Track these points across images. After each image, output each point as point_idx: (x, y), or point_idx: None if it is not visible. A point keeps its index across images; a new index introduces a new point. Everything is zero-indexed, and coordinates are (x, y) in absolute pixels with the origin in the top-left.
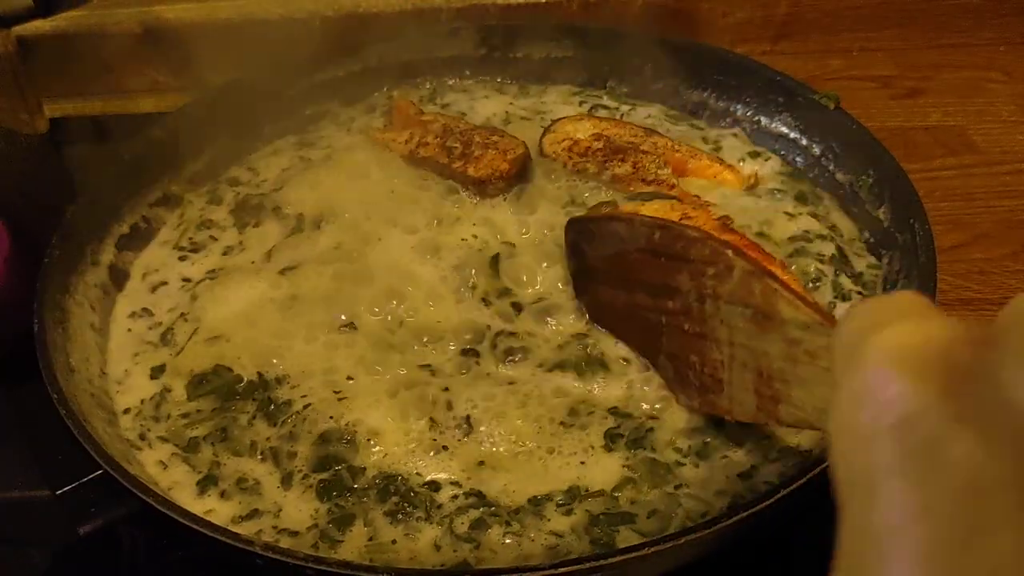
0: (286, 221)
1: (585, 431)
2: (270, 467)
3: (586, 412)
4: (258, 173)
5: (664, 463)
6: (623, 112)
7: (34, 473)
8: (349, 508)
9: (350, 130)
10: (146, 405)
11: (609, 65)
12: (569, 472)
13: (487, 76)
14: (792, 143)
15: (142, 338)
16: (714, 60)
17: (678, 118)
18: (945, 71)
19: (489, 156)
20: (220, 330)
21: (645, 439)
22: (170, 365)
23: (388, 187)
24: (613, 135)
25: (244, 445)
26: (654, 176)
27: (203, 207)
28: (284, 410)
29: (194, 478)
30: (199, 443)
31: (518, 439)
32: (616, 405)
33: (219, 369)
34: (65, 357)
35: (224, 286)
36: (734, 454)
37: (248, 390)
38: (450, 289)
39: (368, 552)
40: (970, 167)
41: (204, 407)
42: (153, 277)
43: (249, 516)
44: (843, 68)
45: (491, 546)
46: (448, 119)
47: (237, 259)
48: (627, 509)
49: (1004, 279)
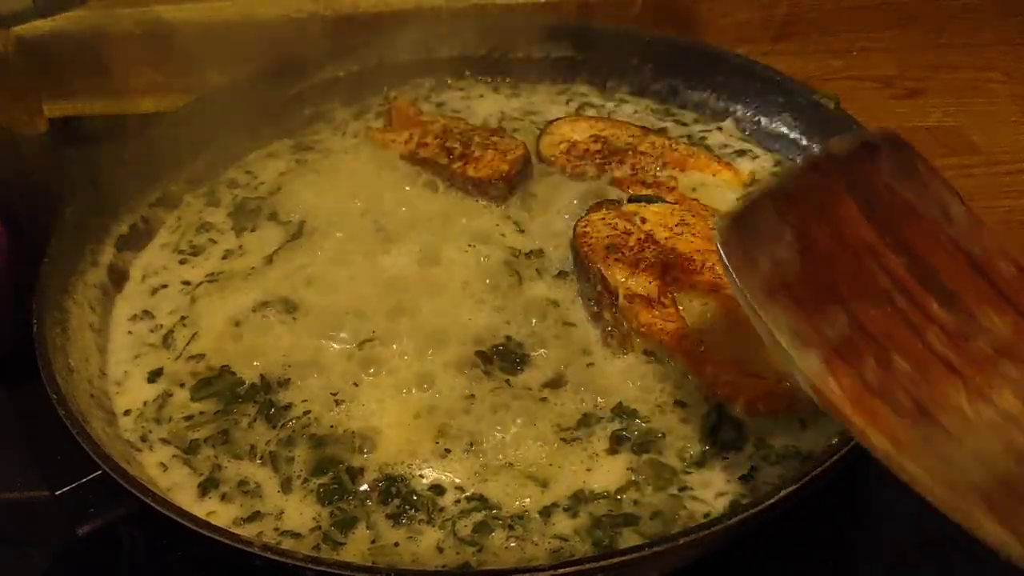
0: (286, 227)
1: (591, 437)
2: (269, 471)
3: (595, 420)
4: (256, 175)
5: (669, 466)
6: (609, 110)
7: (34, 473)
8: (351, 512)
9: (347, 131)
10: (148, 407)
11: (609, 65)
12: (576, 478)
13: (487, 76)
14: (792, 143)
15: (143, 340)
16: (714, 60)
17: (663, 115)
18: (945, 71)
19: (489, 156)
20: (219, 334)
21: (651, 443)
22: (170, 368)
23: (387, 189)
24: (610, 136)
25: (244, 449)
26: (653, 178)
27: (201, 208)
28: (284, 414)
29: (195, 480)
30: (200, 445)
31: (525, 446)
32: (621, 400)
33: (224, 372)
34: (64, 357)
35: (223, 290)
36: (735, 457)
37: (250, 393)
38: (454, 295)
39: (371, 555)
40: (970, 167)
41: (207, 409)
42: (153, 280)
43: (251, 519)
44: (843, 68)
45: (494, 549)
46: (448, 119)
47: (236, 263)
48: (630, 511)
49: None
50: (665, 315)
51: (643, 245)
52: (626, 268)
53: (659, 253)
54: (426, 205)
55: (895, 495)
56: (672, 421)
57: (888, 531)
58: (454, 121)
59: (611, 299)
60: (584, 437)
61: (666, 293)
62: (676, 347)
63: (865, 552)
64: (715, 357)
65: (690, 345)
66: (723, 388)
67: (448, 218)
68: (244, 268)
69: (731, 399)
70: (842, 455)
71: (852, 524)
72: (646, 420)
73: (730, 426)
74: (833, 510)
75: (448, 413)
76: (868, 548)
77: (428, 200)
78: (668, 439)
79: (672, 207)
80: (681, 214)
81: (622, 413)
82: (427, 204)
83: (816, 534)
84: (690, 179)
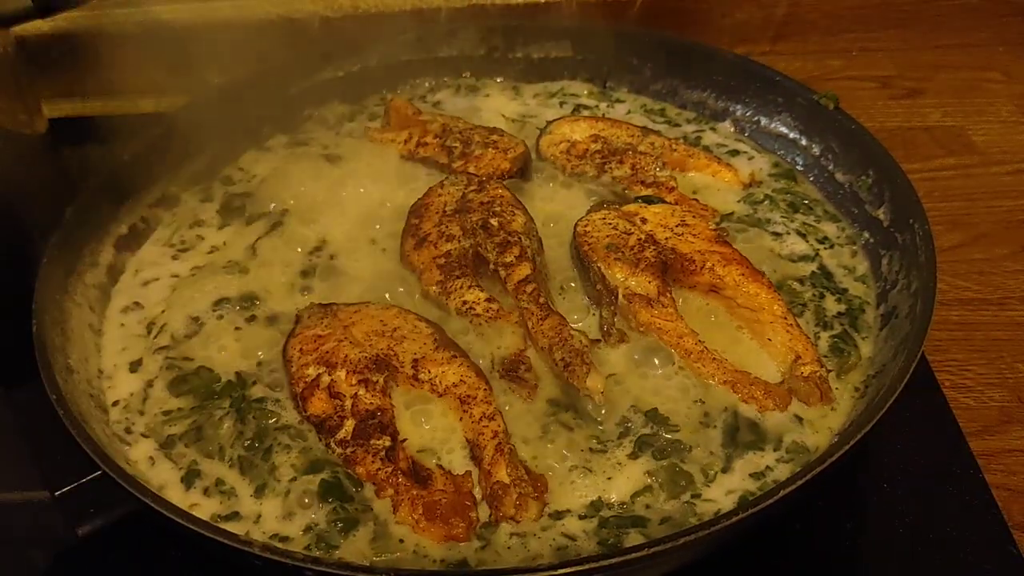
0: (269, 218)
1: (619, 446)
2: (237, 474)
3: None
4: (252, 172)
5: (687, 472)
6: (602, 111)
7: (33, 474)
8: (353, 514)
9: (341, 131)
10: (133, 399)
11: (608, 65)
12: (595, 489)
13: (486, 76)
14: (792, 143)
15: (131, 331)
16: (714, 60)
17: (657, 115)
18: (944, 71)
19: (489, 155)
20: (189, 328)
21: (673, 451)
22: (148, 359)
23: (386, 188)
24: (610, 136)
25: (215, 446)
26: (653, 178)
27: (195, 205)
28: (254, 407)
29: (178, 474)
30: (175, 441)
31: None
32: (656, 406)
33: (200, 370)
34: (64, 358)
35: (197, 284)
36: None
37: (226, 390)
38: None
39: (374, 551)
40: (969, 167)
41: (184, 405)
42: (145, 273)
43: (229, 517)
44: (842, 68)
45: (497, 548)
46: (447, 119)
47: (216, 257)
48: (640, 513)
49: (1003, 279)
50: (664, 314)
51: (643, 245)
52: (626, 268)
53: (659, 253)
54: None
55: (895, 494)
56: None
57: (888, 530)
58: (453, 120)
59: (611, 298)
60: (613, 450)
61: (665, 293)
62: (675, 346)
63: (865, 552)
64: (714, 356)
65: (689, 344)
66: (722, 387)
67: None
68: (223, 262)
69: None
70: (841, 454)
71: (852, 524)
72: (678, 424)
73: (747, 428)
74: (833, 510)
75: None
76: (868, 548)
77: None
78: (696, 449)
79: (672, 208)
80: (682, 215)
81: (656, 412)
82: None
83: (816, 534)
84: (690, 179)
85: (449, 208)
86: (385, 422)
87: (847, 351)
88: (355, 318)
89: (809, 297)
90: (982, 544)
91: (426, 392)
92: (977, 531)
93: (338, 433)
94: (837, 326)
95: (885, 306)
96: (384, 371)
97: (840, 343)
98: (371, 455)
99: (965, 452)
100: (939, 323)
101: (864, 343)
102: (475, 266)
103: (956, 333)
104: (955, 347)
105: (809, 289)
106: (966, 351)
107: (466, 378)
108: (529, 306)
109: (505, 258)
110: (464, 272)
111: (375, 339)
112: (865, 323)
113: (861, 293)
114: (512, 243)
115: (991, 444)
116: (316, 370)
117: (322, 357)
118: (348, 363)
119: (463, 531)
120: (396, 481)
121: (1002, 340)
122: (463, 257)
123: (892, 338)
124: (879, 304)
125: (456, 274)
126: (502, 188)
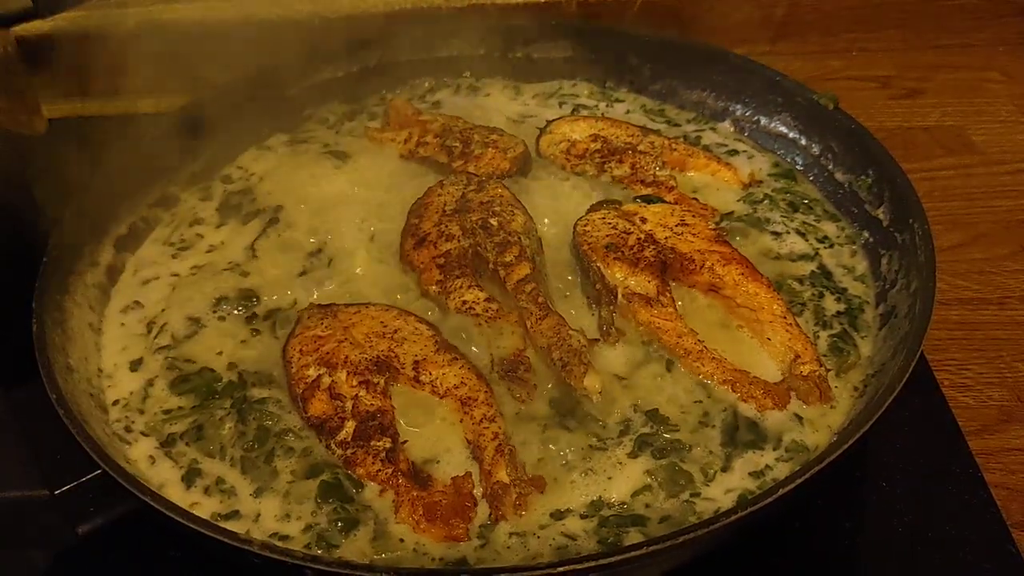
0: (268, 217)
1: (619, 445)
2: (238, 473)
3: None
4: (251, 172)
5: (686, 471)
6: (602, 111)
7: (33, 473)
8: (353, 514)
9: (341, 131)
10: (133, 397)
11: (608, 65)
12: (595, 488)
13: (486, 76)
14: (791, 143)
15: (131, 331)
16: (713, 60)
17: (656, 115)
18: (944, 71)
19: (489, 155)
20: (189, 327)
21: (673, 450)
22: (148, 358)
23: (386, 187)
24: (610, 135)
25: (216, 445)
26: (653, 177)
27: (195, 204)
28: (255, 408)
29: (178, 473)
30: (175, 439)
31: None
32: (655, 406)
33: (203, 370)
34: (64, 357)
35: (197, 283)
36: (752, 455)
37: (227, 389)
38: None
39: (374, 550)
40: (969, 167)
41: (185, 404)
42: (145, 272)
43: (229, 516)
44: (842, 68)
45: (496, 547)
46: (447, 118)
47: (215, 256)
48: (640, 512)
49: (1003, 279)
50: (664, 314)
51: (643, 245)
52: (625, 267)
53: (658, 252)
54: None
55: (894, 493)
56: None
57: (887, 529)
58: (453, 120)
59: (610, 297)
60: (613, 449)
61: (665, 292)
62: (674, 345)
63: (864, 551)
64: (713, 355)
65: (688, 344)
66: (721, 386)
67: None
68: (222, 261)
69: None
70: (841, 453)
71: (851, 522)
72: (677, 424)
73: (746, 427)
74: (832, 509)
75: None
76: (867, 546)
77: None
78: (696, 448)
79: (672, 207)
80: (681, 214)
81: (657, 412)
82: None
83: (815, 532)
84: (689, 179)
85: (449, 208)
86: (385, 423)
87: (846, 350)
88: (355, 319)
89: (808, 296)
90: (981, 543)
91: (427, 394)
92: (976, 530)
93: (339, 434)
94: (836, 325)
95: (884, 305)
96: (385, 372)
97: (839, 342)
98: (372, 456)
99: (964, 451)
100: (938, 322)
101: (863, 342)
102: (475, 266)
103: (955, 332)
104: (954, 346)
105: (808, 288)
106: (965, 350)
107: (467, 380)
108: (528, 306)
109: (504, 258)
110: (464, 272)
111: (375, 340)
112: (864, 322)
113: (860, 292)
114: (511, 243)
115: (990, 443)
116: (316, 371)
117: (322, 358)
118: (349, 364)
119: (463, 532)
120: (396, 482)
121: (1001, 339)
122: (463, 257)
123: (891, 337)
124: (878, 303)
125: (456, 274)
126: (502, 188)
